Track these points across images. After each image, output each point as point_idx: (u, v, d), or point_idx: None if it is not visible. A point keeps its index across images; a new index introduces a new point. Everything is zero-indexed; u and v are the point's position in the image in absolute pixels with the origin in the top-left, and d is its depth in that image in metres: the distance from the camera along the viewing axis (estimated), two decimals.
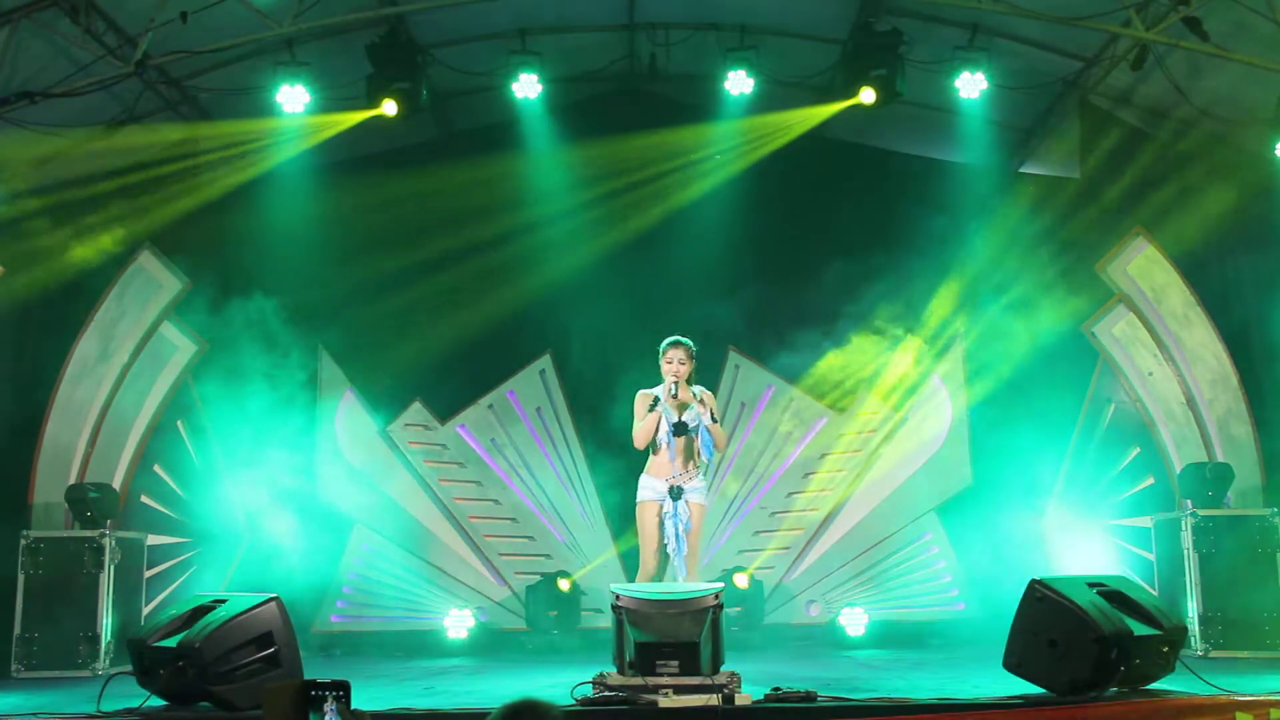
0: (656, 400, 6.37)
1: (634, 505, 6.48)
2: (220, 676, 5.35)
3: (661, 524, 6.36)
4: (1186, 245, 9.31)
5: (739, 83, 9.05)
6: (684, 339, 6.48)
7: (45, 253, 9.23)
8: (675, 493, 6.30)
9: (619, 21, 9.21)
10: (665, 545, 6.35)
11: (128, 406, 9.27)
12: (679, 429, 6.35)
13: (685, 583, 6.21)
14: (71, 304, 9.22)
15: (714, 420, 6.41)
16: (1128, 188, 9.24)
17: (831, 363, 9.97)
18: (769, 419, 10.04)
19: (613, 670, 5.69)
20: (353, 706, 4.15)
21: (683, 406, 6.43)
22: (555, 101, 9.51)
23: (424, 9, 8.47)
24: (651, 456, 6.45)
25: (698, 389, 6.47)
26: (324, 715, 4.02)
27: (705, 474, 6.54)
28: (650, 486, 6.40)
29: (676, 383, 6.31)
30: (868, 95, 8.75)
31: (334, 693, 4.05)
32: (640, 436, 6.44)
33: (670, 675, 5.41)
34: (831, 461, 10.03)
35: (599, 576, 9.66)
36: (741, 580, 9.41)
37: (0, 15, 7.43)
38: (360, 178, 9.97)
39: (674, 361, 6.43)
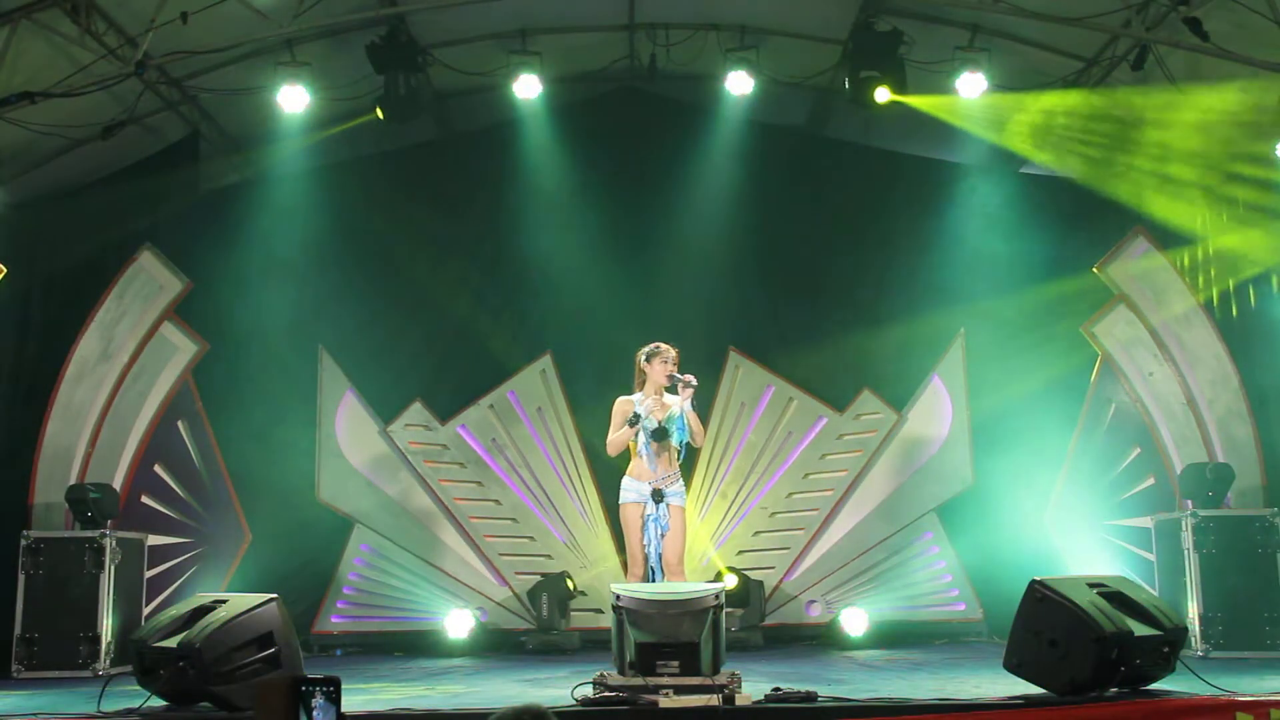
0: (637, 417, 6.55)
1: None
2: (221, 677, 5.36)
3: (645, 525, 6.53)
4: (1186, 245, 9.33)
5: (739, 83, 9.08)
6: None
7: (46, 252, 9.27)
8: (657, 496, 6.49)
9: (619, 21, 9.21)
10: (647, 546, 6.53)
11: (128, 406, 9.28)
12: (659, 434, 6.54)
13: (686, 583, 6.27)
14: (71, 304, 9.24)
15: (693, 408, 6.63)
16: (1128, 188, 9.25)
17: (832, 362, 9.97)
18: (769, 419, 10.04)
19: (613, 670, 5.69)
20: (349, 706, 4.15)
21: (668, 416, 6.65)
22: (555, 102, 9.52)
23: (424, 9, 8.48)
24: (633, 458, 6.63)
25: (672, 398, 6.69)
26: (313, 711, 4.02)
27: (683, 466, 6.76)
28: (633, 489, 6.64)
29: (656, 398, 6.57)
30: (882, 94, 8.77)
31: (324, 688, 4.06)
32: (613, 447, 6.71)
33: (670, 675, 5.41)
34: (831, 461, 10.03)
35: (599, 576, 9.67)
36: (730, 580, 9.39)
37: (0, 15, 7.44)
38: (360, 178, 9.97)
39: (669, 362, 6.66)
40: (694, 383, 6.56)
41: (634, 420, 6.54)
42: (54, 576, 7.96)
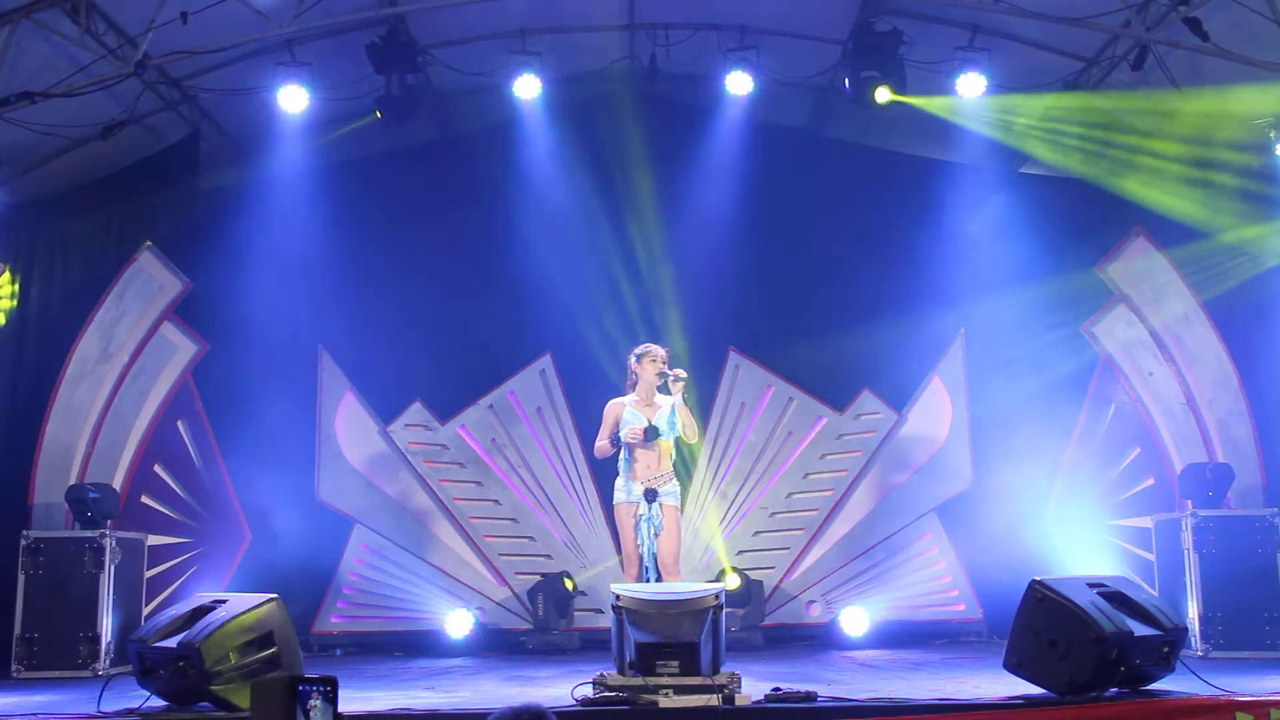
0: (618, 438, 6.87)
1: None
2: (221, 677, 5.35)
3: (637, 525, 6.61)
4: (1186, 245, 9.33)
5: (739, 83, 9.08)
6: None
7: (46, 252, 9.27)
8: (650, 495, 6.60)
9: (619, 21, 9.20)
10: (640, 546, 6.63)
11: (128, 406, 9.28)
12: (650, 433, 6.68)
13: (685, 583, 6.29)
14: (71, 304, 9.24)
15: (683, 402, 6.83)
16: (1128, 188, 9.25)
17: (832, 362, 9.97)
18: (769, 419, 10.03)
19: (613, 670, 5.70)
20: (348, 706, 4.15)
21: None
22: (555, 102, 9.52)
23: (424, 9, 8.48)
24: (625, 459, 6.73)
25: (665, 398, 6.85)
26: (310, 711, 4.03)
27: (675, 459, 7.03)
28: (625, 489, 6.75)
29: (635, 428, 6.84)
30: (882, 94, 8.77)
31: (321, 688, 4.06)
32: (598, 453, 7.06)
33: (670, 675, 5.41)
34: (831, 461, 10.02)
35: (599, 576, 9.67)
36: (732, 580, 9.39)
37: (0, 15, 7.44)
38: (360, 178, 9.97)
39: (658, 361, 6.87)
40: (683, 376, 6.72)
41: (615, 441, 6.81)
42: (54, 576, 7.96)
